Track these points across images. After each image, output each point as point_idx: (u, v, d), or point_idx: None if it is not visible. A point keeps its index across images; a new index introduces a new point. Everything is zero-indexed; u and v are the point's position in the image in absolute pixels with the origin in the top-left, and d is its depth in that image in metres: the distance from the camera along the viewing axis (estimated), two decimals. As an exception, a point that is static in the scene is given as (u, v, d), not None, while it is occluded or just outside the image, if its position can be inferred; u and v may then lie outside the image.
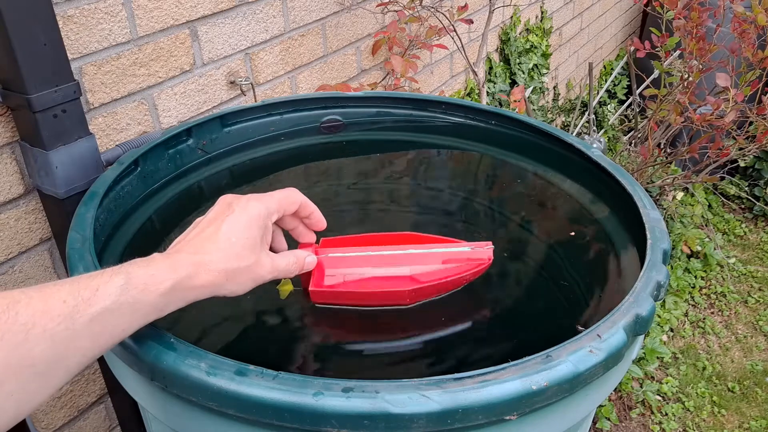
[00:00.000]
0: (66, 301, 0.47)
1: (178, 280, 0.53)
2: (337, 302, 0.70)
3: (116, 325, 0.50)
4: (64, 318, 0.46)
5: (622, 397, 1.93)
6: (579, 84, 3.34)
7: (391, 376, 0.52)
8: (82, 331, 0.47)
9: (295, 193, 0.65)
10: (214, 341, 0.69)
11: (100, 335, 0.49)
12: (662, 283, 0.65)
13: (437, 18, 1.74)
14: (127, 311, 0.50)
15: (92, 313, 0.48)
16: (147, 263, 0.53)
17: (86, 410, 1.18)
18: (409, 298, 0.69)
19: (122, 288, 0.50)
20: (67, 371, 0.48)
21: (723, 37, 1.90)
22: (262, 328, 0.71)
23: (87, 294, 0.48)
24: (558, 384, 0.52)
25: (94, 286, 0.49)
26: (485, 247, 0.72)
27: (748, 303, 2.34)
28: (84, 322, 0.47)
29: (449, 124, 1.11)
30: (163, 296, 0.52)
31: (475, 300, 0.74)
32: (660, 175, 2.45)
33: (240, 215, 0.59)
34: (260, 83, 1.37)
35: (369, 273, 0.71)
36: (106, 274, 0.50)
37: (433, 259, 0.71)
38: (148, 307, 0.51)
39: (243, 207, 0.60)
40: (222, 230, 0.57)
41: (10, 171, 0.97)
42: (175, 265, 0.54)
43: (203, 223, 0.59)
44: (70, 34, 0.99)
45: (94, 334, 0.48)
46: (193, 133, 1.00)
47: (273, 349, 0.68)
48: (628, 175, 0.86)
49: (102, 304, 0.48)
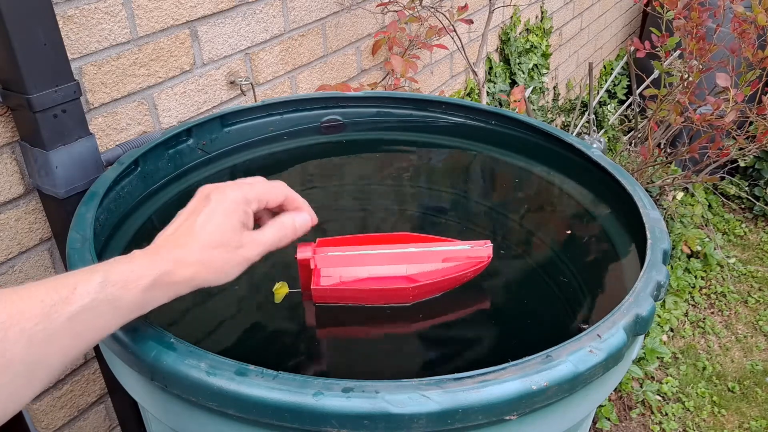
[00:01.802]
0: (43, 300, 0.46)
1: (158, 276, 0.53)
2: (339, 301, 0.70)
3: (96, 323, 0.49)
4: (42, 318, 0.46)
5: (622, 397, 1.93)
6: (579, 84, 3.34)
7: (392, 375, 0.52)
8: (60, 331, 0.47)
9: (280, 186, 0.64)
10: (213, 342, 0.69)
11: (80, 334, 0.48)
12: (662, 283, 0.65)
13: (437, 18, 1.74)
14: (106, 309, 0.49)
15: (71, 311, 0.47)
16: (126, 260, 0.53)
17: (86, 410, 1.18)
18: (411, 296, 0.70)
19: (101, 285, 0.49)
20: (49, 371, 0.47)
21: (723, 37, 1.90)
22: (263, 328, 0.71)
23: (65, 292, 0.48)
24: (558, 384, 0.52)
25: (72, 284, 0.48)
26: (485, 246, 0.72)
27: (748, 303, 2.34)
28: (62, 322, 0.47)
29: (449, 124, 1.11)
30: (143, 292, 0.52)
31: (475, 300, 0.74)
32: (660, 175, 2.45)
33: (217, 205, 0.58)
34: (260, 83, 1.37)
35: (372, 271, 0.71)
36: (85, 272, 0.50)
37: (434, 258, 0.72)
38: (128, 304, 0.51)
39: (220, 196, 0.59)
40: (199, 222, 0.57)
41: (10, 171, 0.97)
42: (154, 261, 0.53)
43: (182, 217, 0.59)
44: (70, 34, 0.99)
45: (73, 333, 0.48)
46: (193, 133, 1.00)
47: (272, 349, 0.68)
48: (628, 175, 0.86)
49: (80, 302, 0.48)
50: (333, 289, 0.70)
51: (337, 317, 0.70)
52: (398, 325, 0.70)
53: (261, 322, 0.72)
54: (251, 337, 0.70)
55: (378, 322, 0.70)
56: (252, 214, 0.61)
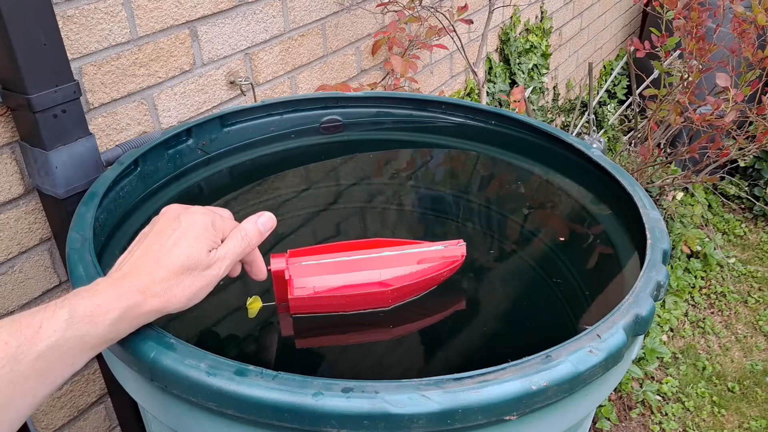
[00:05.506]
0: (8, 342, 0.45)
1: (126, 309, 0.51)
2: (317, 310, 0.69)
3: (64, 360, 0.48)
4: (8, 360, 0.45)
5: (622, 397, 1.93)
6: (579, 84, 3.34)
7: (391, 376, 0.52)
8: (27, 372, 0.46)
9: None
10: (213, 342, 0.69)
11: (48, 373, 0.47)
12: (662, 283, 0.65)
13: (437, 18, 1.74)
14: (75, 345, 0.48)
15: (37, 351, 0.46)
16: (91, 293, 0.51)
17: (86, 410, 1.18)
18: (390, 299, 0.69)
19: (68, 322, 0.48)
20: (17, 413, 0.46)
21: (723, 37, 1.90)
22: (257, 330, 0.71)
23: (30, 332, 0.46)
24: (558, 384, 0.52)
25: (36, 323, 0.47)
26: (458, 245, 0.72)
27: (748, 303, 2.34)
28: (29, 362, 0.46)
29: (449, 124, 1.11)
30: (111, 326, 0.50)
31: (474, 300, 0.75)
32: (660, 175, 2.45)
33: (188, 229, 0.56)
34: (260, 83, 1.37)
35: (347, 278, 0.70)
36: (49, 309, 0.48)
37: (409, 260, 0.71)
38: (95, 339, 0.50)
39: (190, 219, 0.57)
40: (168, 245, 0.55)
41: (10, 171, 0.97)
42: (120, 293, 0.52)
43: (149, 239, 0.57)
44: (70, 34, 0.99)
45: (41, 372, 0.46)
46: (193, 133, 1.00)
47: (269, 351, 0.68)
48: (628, 175, 0.86)
49: (47, 341, 0.46)
50: (311, 298, 0.68)
51: (322, 326, 0.69)
52: (392, 330, 0.70)
53: (258, 325, 0.71)
54: (251, 337, 0.70)
55: (366, 327, 0.69)
56: (219, 242, 0.59)
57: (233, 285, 0.75)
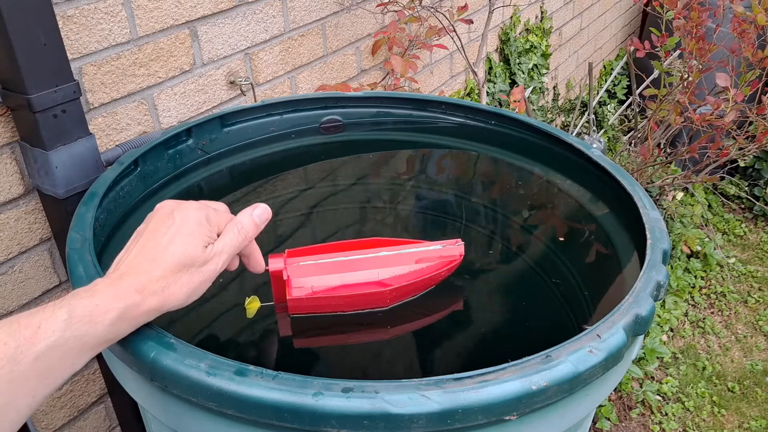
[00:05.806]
0: (7, 342, 0.45)
1: (125, 308, 0.51)
2: (316, 310, 0.69)
3: (64, 361, 0.48)
4: (8, 360, 0.45)
5: (622, 397, 1.93)
6: (579, 84, 3.33)
7: (390, 376, 0.52)
8: (27, 372, 0.46)
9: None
10: (212, 342, 0.69)
11: (48, 374, 0.47)
12: (662, 283, 0.65)
13: (437, 18, 1.74)
14: (74, 345, 0.48)
15: (37, 351, 0.46)
16: (90, 294, 0.51)
17: (86, 410, 1.18)
18: (389, 299, 0.69)
19: (66, 322, 0.48)
20: (17, 414, 0.46)
21: (723, 37, 1.90)
22: (256, 331, 0.71)
23: (28, 333, 0.46)
24: (558, 384, 0.52)
25: (35, 323, 0.47)
26: (456, 244, 0.72)
27: (748, 303, 2.34)
28: (29, 362, 0.46)
29: (449, 124, 1.11)
30: (110, 326, 0.50)
31: (474, 300, 0.74)
32: (660, 175, 2.45)
33: (182, 225, 0.56)
34: (260, 83, 1.37)
35: (345, 278, 0.70)
36: (48, 309, 0.48)
37: (407, 260, 0.71)
38: (95, 339, 0.50)
39: (184, 215, 0.57)
40: (163, 243, 0.55)
41: (10, 171, 0.97)
42: (119, 293, 0.52)
43: (144, 238, 0.57)
44: (70, 34, 0.99)
45: (41, 373, 0.46)
46: (193, 133, 1.00)
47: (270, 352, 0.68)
48: (628, 175, 0.86)
49: (46, 341, 0.46)
50: (309, 298, 0.68)
51: (323, 326, 0.69)
52: (391, 330, 0.70)
53: (257, 325, 0.71)
54: (251, 337, 0.70)
55: (365, 327, 0.69)
56: (215, 237, 0.59)
57: (233, 285, 0.75)
